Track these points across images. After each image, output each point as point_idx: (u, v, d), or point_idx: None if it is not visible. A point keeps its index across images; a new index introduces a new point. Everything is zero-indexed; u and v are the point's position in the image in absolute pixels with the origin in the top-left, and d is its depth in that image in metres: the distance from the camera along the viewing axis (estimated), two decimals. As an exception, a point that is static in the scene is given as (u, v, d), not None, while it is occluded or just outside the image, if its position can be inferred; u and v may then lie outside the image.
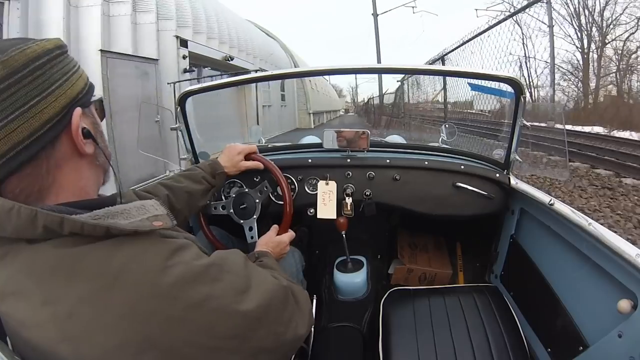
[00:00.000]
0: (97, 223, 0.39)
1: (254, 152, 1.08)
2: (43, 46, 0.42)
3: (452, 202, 1.16)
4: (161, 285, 0.39)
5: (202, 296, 0.41)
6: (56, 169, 0.42)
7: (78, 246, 0.38)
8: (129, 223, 0.41)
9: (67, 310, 0.37)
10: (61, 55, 0.44)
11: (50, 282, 0.38)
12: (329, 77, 21.42)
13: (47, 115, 0.40)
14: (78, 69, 0.48)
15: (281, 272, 0.73)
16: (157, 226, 0.43)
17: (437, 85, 7.87)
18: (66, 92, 0.43)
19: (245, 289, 0.47)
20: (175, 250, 0.43)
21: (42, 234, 0.38)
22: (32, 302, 0.38)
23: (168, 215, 0.47)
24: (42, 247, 0.39)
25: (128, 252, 0.40)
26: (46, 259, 0.38)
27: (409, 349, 0.91)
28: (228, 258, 0.50)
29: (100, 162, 0.50)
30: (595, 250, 0.77)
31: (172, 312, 0.39)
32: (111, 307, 0.37)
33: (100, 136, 0.50)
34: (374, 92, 21.22)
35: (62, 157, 0.43)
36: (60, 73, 0.43)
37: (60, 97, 0.42)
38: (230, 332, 0.43)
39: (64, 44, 0.47)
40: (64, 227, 0.38)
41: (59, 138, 0.42)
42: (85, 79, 0.48)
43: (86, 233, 0.38)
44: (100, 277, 0.38)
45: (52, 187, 0.42)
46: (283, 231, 0.97)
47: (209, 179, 0.96)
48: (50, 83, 0.41)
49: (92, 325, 0.37)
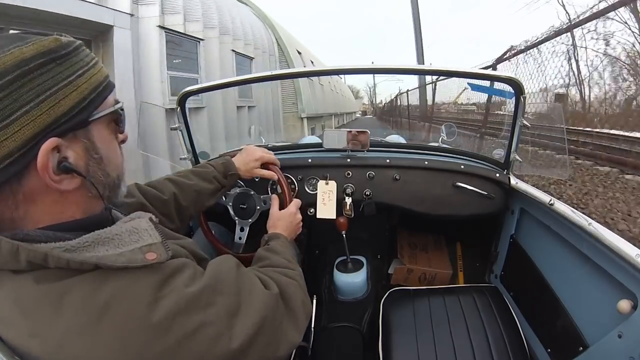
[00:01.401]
0: (83, 260, 0.35)
1: (272, 163, 1.02)
2: (18, 55, 0.34)
3: (452, 202, 1.16)
4: (152, 319, 0.36)
5: (195, 325, 0.39)
6: (27, 204, 0.37)
7: (63, 279, 0.36)
8: (120, 255, 0.37)
9: (56, 343, 0.35)
10: (46, 64, 0.36)
11: (36, 314, 0.36)
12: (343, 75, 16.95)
13: (5, 149, 0.34)
14: (75, 79, 0.39)
15: (285, 253, 0.73)
16: (150, 260, 0.39)
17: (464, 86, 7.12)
18: (36, 119, 0.35)
19: (237, 309, 0.45)
20: (167, 278, 0.40)
21: (26, 266, 0.36)
22: (19, 332, 0.36)
23: (162, 244, 0.42)
24: (26, 278, 0.36)
25: (115, 284, 0.36)
26: (31, 291, 0.36)
27: (409, 349, 0.91)
28: (220, 273, 0.47)
29: (95, 193, 0.42)
30: (595, 250, 0.77)
31: (165, 345, 0.37)
32: (102, 340, 0.35)
33: (98, 163, 0.42)
34: (393, 93, 18.64)
35: (34, 192, 0.37)
36: (33, 92, 0.35)
37: (25, 127, 0.34)
38: (225, 357, 0.42)
39: (61, 44, 0.38)
40: (48, 262, 0.35)
41: (26, 173, 0.36)
42: (84, 91, 0.39)
43: (73, 268, 0.36)
44: (88, 311, 0.35)
45: (25, 219, 0.38)
46: (287, 205, 0.94)
47: (220, 179, 0.91)
48: (14, 109, 0.33)
49: (85, 356, 0.35)
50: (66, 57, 0.39)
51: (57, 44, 0.38)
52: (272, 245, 0.75)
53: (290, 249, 0.78)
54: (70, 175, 0.39)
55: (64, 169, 0.38)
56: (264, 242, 0.81)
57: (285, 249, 0.76)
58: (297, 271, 0.67)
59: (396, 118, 16.67)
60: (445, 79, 8.81)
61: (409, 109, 13.74)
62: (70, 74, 0.38)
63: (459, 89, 8.94)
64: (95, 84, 0.41)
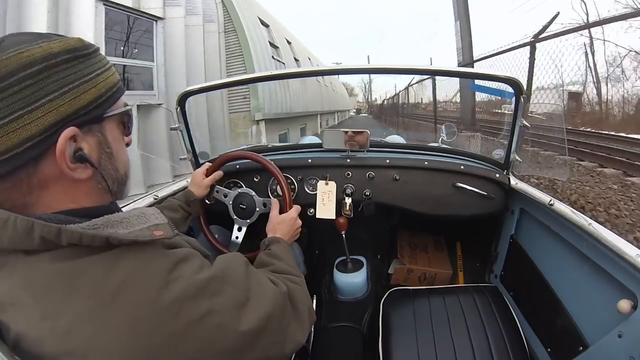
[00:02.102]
0: (95, 233, 0.37)
1: (211, 167, 1.10)
2: (47, 49, 0.37)
3: (452, 202, 1.16)
4: (162, 302, 0.38)
5: (203, 311, 0.40)
6: (40, 189, 0.39)
7: (76, 259, 0.37)
8: (129, 232, 0.39)
9: (66, 326, 0.36)
10: (70, 60, 0.39)
11: (48, 297, 0.37)
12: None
13: (28, 132, 0.36)
14: (94, 77, 0.42)
15: (288, 259, 0.73)
16: (157, 236, 0.41)
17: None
18: (59, 107, 0.38)
19: (245, 301, 0.46)
20: (176, 263, 0.41)
21: (39, 245, 0.36)
22: (31, 316, 0.37)
23: (169, 224, 0.45)
24: (39, 259, 0.37)
25: (128, 266, 0.38)
26: (43, 273, 0.37)
27: (409, 349, 0.91)
28: (229, 267, 0.49)
29: (104, 185, 0.45)
30: (595, 250, 0.77)
31: (174, 329, 0.38)
32: (111, 325, 0.36)
33: (109, 158, 0.45)
34: (388, 90, 17.00)
35: (48, 178, 0.39)
36: (58, 84, 0.38)
37: (48, 114, 0.37)
38: (230, 347, 0.43)
39: (84, 45, 0.42)
40: (61, 238, 0.36)
41: (43, 158, 0.38)
42: (101, 89, 0.43)
43: (85, 244, 0.37)
44: (99, 295, 0.36)
45: (38, 204, 0.40)
46: (287, 209, 0.96)
47: (185, 207, 0.99)
48: (39, 96, 0.36)
49: (93, 342, 0.36)
50: (88, 56, 0.42)
51: (81, 44, 0.41)
52: (274, 251, 0.76)
53: (291, 255, 0.78)
54: (84, 165, 0.41)
55: (79, 158, 0.40)
56: (264, 245, 0.81)
57: (287, 255, 0.76)
58: (301, 278, 0.68)
59: (399, 118, 14.25)
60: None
61: (428, 106, 11.11)
62: (90, 72, 0.41)
63: (455, 85, 8.38)
64: (110, 85, 0.44)
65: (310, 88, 11.28)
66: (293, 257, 0.79)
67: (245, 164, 1.20)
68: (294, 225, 0.92)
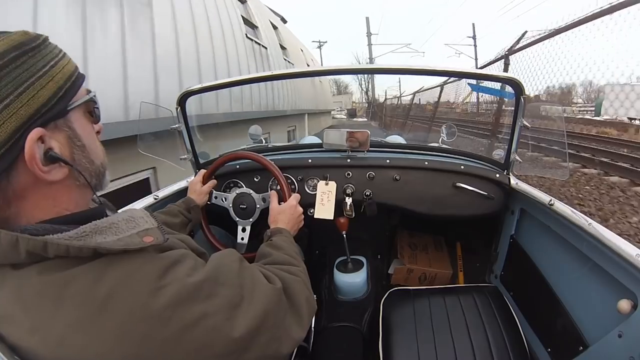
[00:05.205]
0: (83, 245, 0.36)
1: (206, 174, 1.10)
2: None
3: (452, 202, 1.16)
4: (153, 308, 0.37)
5: (196, 316, 0.39)
6: (19, 201, 0.37)
7: (64, 270, 0.36)
8: (118, 240, 0.38)
9: (57, 337, 0.35)
10: (19, 57, 0.36)
11: (36, 309, 0.36)
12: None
13: None
14: (49, 69, 0.39)
15: (289, 249, 0.72)
16: (147, 242, 0.39)
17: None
18: (18, 111, 0.35)
19: (239, 301, 0.45)
20: (168, 268, 0.40)
21: (26, 258, 0.36)
22: (20, 328, 0.36)
23: (159, 228, 0.43)
24: (27, 272, 0.36)
25: (117, 273, 0.37)
26: (32, 285, 0.36)
27: (409, 349, 0.91)
28: (223, 265, 0.48)
29: (83, 181, 0.42)
30: (595, 250, 0.77)
31: (167, 335, 0.37)
32: (102, 333, 0.35)
33: (82, 151, 0.42)
34: (389, 88, 13.94)
35: (24, 188, 0.37)
36: (11, 86, 0.34)
37: (8, 120, 0.34)
38: (226, 350, 0.42)
39: (30, 37, 0.38)
40: (48, 251, 0.35)
41: (14, 168, 0.36)
42: (59, 81, 0.40)
43: (72, 255, 0.36)
44: (88, 304, 0.35)
45: (19, 216, 0.38)
46: (286, 199, 0.95)
47: (185, 213, 0.98)
48: None
49: (85, 351, 0.35)
50: (37, 49, 0.39)
51: (26, 37, 0.38)
52: (275, 241, 0.74)
53: (293, 244, 0.77)
54: (58, 164, 0.39)
55: (51, 158, 0.38)
56: (267, 237, 0.80)
57: (289, 244, 0.74)
58: (300, 267, 0.66)
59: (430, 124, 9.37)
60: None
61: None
62: (43, 64, 0.38)
63: (465, 87, 7.79)
64: (68, 74, 0.42)
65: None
66: (295, 246, 0.77)
67: (245, 164, 1.20)
68: (295, 213, 0.90)
